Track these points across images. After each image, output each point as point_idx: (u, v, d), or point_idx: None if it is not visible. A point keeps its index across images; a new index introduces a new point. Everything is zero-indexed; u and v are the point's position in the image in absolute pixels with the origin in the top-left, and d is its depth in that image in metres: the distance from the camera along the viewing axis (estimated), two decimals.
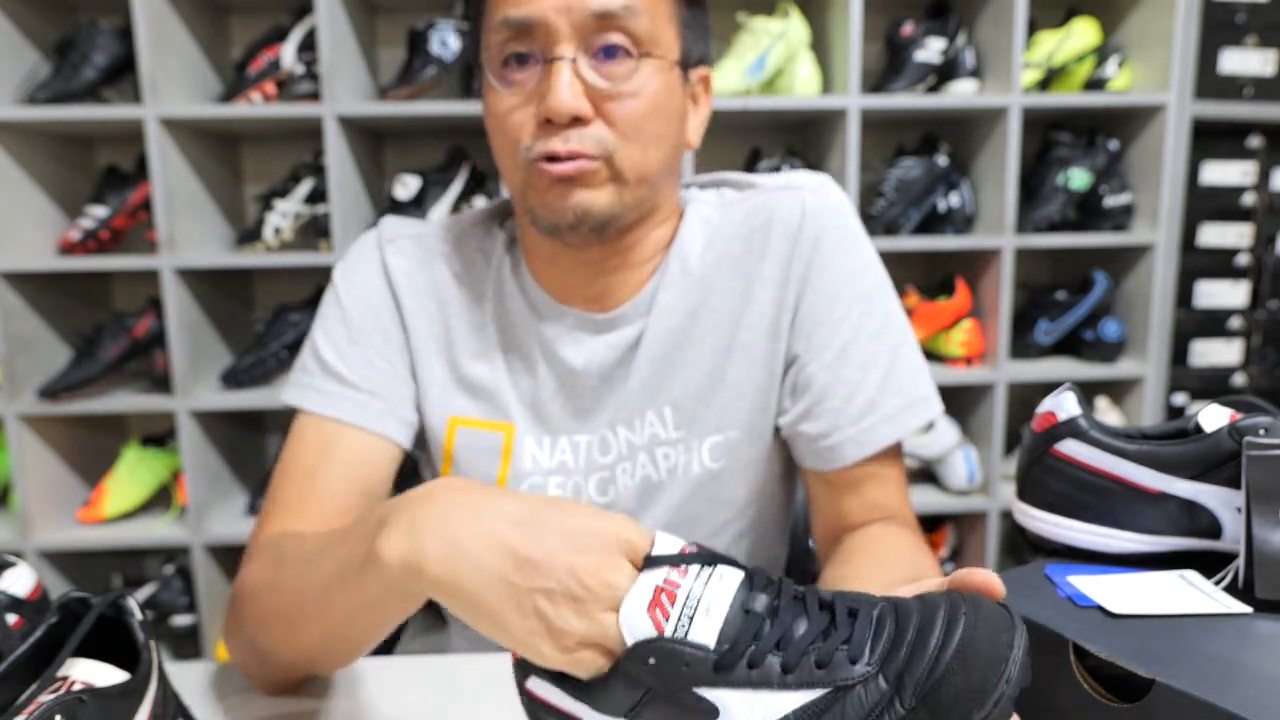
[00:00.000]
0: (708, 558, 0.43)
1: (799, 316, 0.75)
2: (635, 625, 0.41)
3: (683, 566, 0.42)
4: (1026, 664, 0.38)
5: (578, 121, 0.66)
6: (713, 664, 0.40)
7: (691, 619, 0.40)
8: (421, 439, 0.81)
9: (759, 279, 0.76)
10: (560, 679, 0.44)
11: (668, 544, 0.44)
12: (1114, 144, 1.75)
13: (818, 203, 0.76)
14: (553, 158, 0.66)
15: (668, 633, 0.40)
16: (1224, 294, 1.83)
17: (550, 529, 0.44)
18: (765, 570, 0.44)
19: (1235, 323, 1.83)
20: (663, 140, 0.70)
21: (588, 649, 0.42)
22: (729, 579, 0.42)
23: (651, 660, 0.40)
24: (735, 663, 0.40)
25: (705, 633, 0.40)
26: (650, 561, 0.43)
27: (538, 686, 0.44)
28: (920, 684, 0.38)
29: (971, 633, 0.38)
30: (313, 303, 1.76)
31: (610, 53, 0.66)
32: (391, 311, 0.78)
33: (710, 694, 0.40)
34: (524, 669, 0.45)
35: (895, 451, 0.76)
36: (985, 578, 0.43)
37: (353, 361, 0.76)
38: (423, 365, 0.78)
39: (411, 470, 0.85)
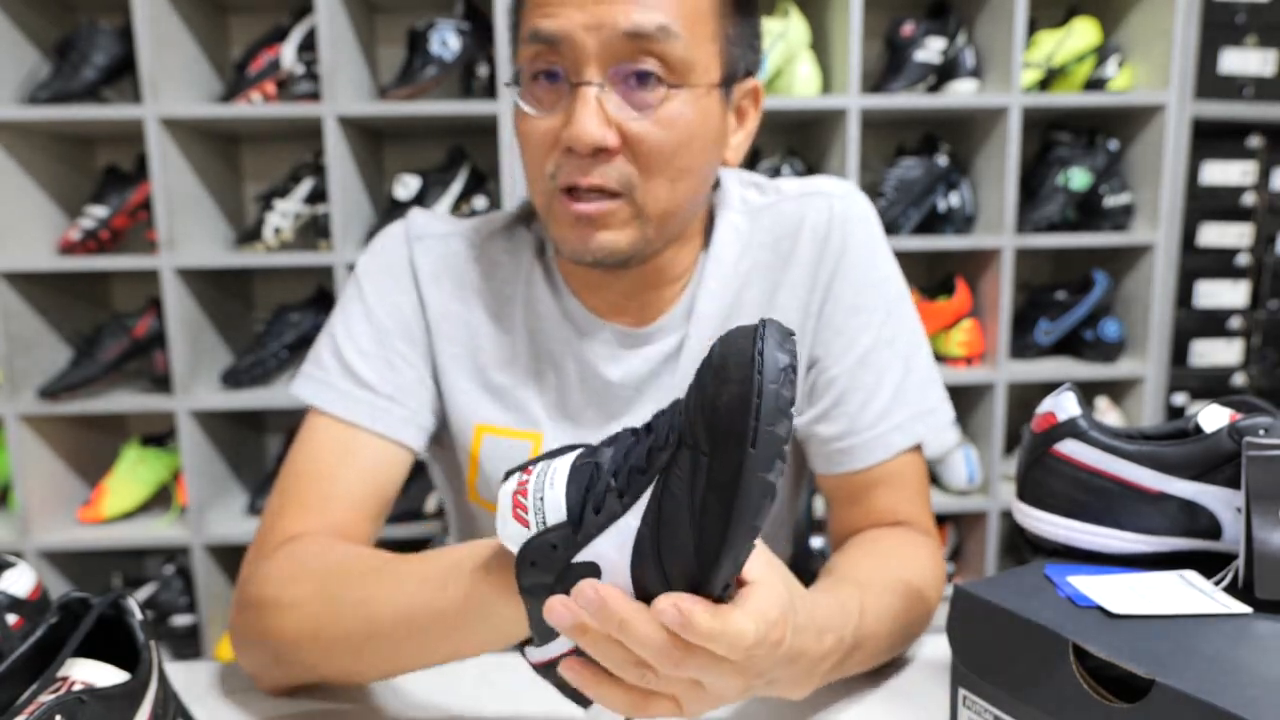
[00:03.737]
0: (555, 453, 0.46)
1: (822, 322, 0.76)
2: (510, 534, 0.44)
3: (529, 467, 0.45)
4: (778, 357, 0.39)
5: (601, 153, 0.63)
6: (571, 530, 0.43)
7: (543, 500, 0.43)
8: (439, 442, 0.80)
9: (786, 284, 0.75)
10: (523, 644, 0.48)
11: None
12: (1114, 144, 1.76)
13: (845, 210, 0.76)
14: (574, 190, 0.65)
15: (531, 528, 0.43)
16: (1224, 294, 1.83)
17: None
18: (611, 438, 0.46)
19: (1235, 323, 1.83)
20: (691, 173, 0.67)
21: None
22: (567, 456, 0.45)
23: (533, 562, 0.43)
24: (584, 515, 0.42)
25: (555, 508, 0.43)
26: (505, 476, 0.46)
27: (529, 654, 0.48)
28: (701, 425, 0.40)
29: (718, 358, 0.40)
30: (313, 303, 1.76)
31: (641, 78, 0.63)
32: (417, 313, 0.76)
33: (583, 555, 0.43)
34: (520, 648, 0.49)
35: (912, 459, 0.76)
36: None
37: (375, 363, 0.74)
38: (447, 370, 0.76)
39: (416, 472, 0.85)
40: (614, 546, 0.42)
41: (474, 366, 0.77)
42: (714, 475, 0.40)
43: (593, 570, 0.43)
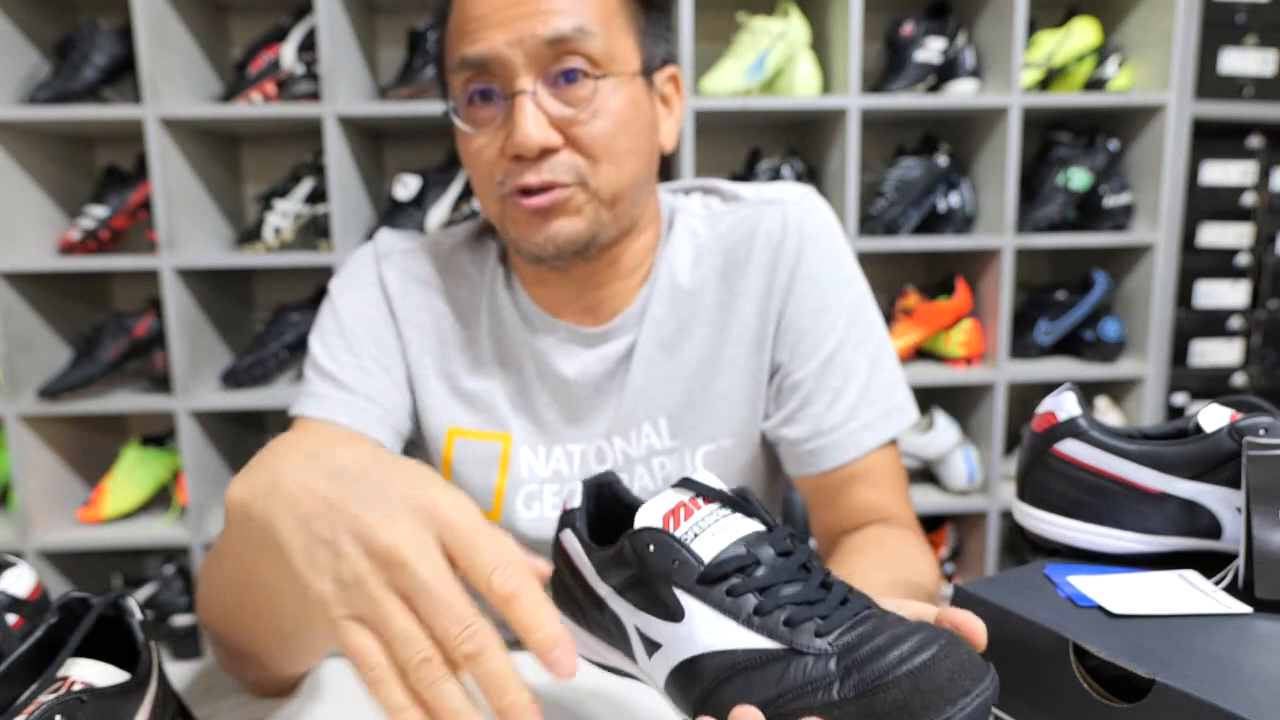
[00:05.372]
0: (739, 504, 0.45)
1: (782, 327, 0.77)
2: (647, 520, 0.44)
3: (708, 496, 0.45)
4: (980, 716, 0.37)
5: (547, 152, 0.67)
6: (698, 574, 0.42)
7: (696, 536, 0.43)
8: (415, 446, 0.81)
9: (742, 292, 0.77)
10: (589, 538, 0.47)
11: (714, 481, 0.46)
12: (1114, 144, 1.75)
13: (800, 215, 0.77)
14: (527, 191, 0.68)
15: (677, 534, 0.43)
16: (1224, 294, 1.83)
17: (366, 486, 0.41)
18: (793, 533, 0.45)
19: (1235, 323, 1.83)
20: (634, 154, 0.71)
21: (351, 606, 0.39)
22: (745, 524, 0.44)
23: (651, 546, 0.43)
24: (718, 582, 0.42)
25: (703, 550, 0.43)
26: (686, 482, 0.46)
27: (567, 539, 0.48)
28: (864, 681, 0.38)
29: (936, 663, 0.37)
30: (313, 303, 1.76)
31: (569, 77, 0.67)
32: (388, 323, 0.79)
33: (684, 597, 0.42)
34: (564, 521, 0.49)
35: (886, 455, 0.77)
36: (968, 619, 0.42)
37: (349, 368, 0.76)
38: (419, 378, 0.79)
39: None
40: (709, 627, 0.42)
41: (444, 373, 0.79)
42: (828, 714, 0.38)
43: (677, 612, 0.42)
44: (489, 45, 0.66)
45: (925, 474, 1.85)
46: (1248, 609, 0.49)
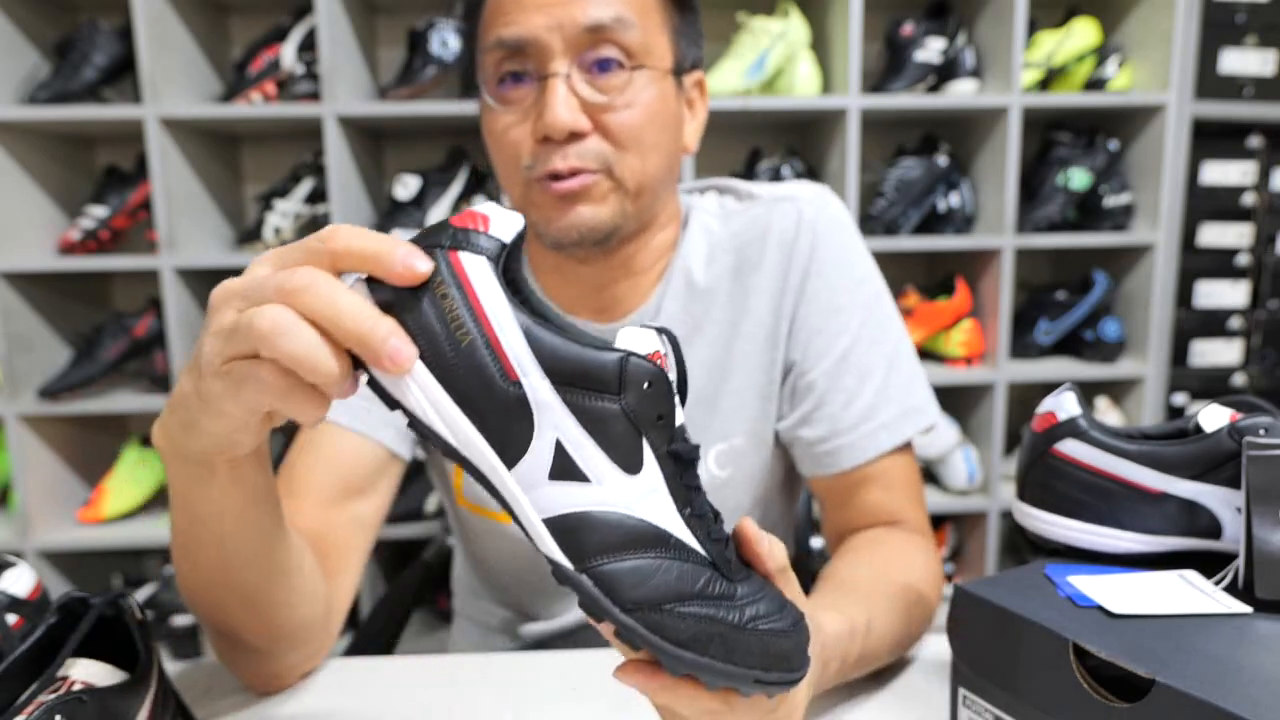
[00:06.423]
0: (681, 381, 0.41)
1: (796, 326, 0.76)
2: (637, 349, 0.37)
3: (669, 365, 0.39)
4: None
5: (575, 136, 0.67)
6: (671, 444, 0.38)
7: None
8: (424, 448, 0.81)
9: (754, 290, 0.77)
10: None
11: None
12: (1114, 144, 1.76)
13: (814, 214, 0.77)
14: (554, 175, 0.67)
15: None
16: (1224, 294, 1.83)
17: None
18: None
19: (1235, 323, 1.83)
20: (660, 148, 0.71)
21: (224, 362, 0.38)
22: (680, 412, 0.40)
23: (648, 385, 0.37)
24: (686, 466, 0.39)
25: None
26: (659, 328, 0.40)
27: (478, 270, 0.37)
28: (764, 618, 0.39)
29: (799, 630, 0.40)
30: None
31: (604, 65, 0.67)
32: None
33: (649, 458, 0.38)
34: (475, 244, 0.38)
35: (901, 458, 0.76)
36: (755, 539, 0.42)
37: None
38: None
39: (415, 472, 0.85)
40: (655, 497, 0.37)
41: None
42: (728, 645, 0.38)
43: (631, 465, 0.38)
44: (527, 28, 0.66)
45: (925, 474, 1.85)
46: (1248, 609, 0.49)
